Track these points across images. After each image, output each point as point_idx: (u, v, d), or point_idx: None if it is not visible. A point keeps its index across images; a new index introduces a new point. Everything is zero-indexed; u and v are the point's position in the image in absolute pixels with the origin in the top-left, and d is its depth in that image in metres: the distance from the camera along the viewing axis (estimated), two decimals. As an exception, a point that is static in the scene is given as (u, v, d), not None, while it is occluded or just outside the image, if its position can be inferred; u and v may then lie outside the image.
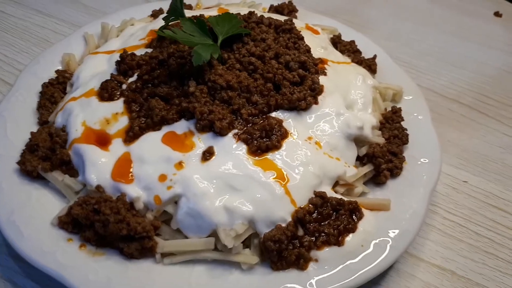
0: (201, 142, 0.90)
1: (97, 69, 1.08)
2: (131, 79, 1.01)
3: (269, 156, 0.89)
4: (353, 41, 1.26)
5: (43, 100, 1.06)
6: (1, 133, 0.99)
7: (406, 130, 1.06)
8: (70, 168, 0.93)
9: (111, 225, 0.81)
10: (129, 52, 1.03)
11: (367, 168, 0.97)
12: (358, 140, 0.99)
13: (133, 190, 0.86)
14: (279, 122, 0.93)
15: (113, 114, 0.96)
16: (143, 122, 0.92)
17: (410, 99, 1.16)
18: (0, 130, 1.00)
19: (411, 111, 1.12)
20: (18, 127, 1.01)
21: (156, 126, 0.92)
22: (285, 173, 0.88)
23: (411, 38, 1.54)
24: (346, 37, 1.31)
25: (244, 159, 0.88)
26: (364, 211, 0.91)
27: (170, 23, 1.03)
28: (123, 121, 0.95)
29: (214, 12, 1.26)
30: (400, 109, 1.10)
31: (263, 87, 0.96)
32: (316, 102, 0.98)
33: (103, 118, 0.96)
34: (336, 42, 1.26)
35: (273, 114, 0.95)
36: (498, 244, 1.00)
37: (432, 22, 1.63)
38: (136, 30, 1.21)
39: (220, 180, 0.85)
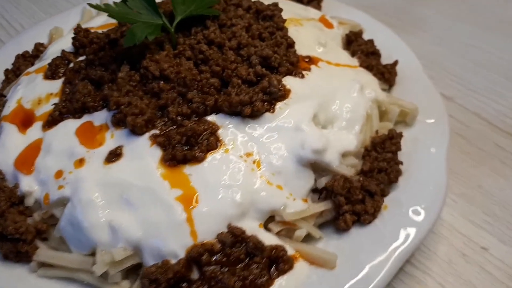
0: (112, 139, 0.75)
1: (67, 44, 1.00)
2: (80, 58, 0.90)
3: (185, 169, 0.71)
4: (371, 41, 1.00)
5: (8, 72, 1.01)
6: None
7: (401, 163, 0.79)
8: (-4, 146, 0.85)
9: (-15, 218, 0.71)
10: (84, 28, 0.92)
11: (322, 207, 0.73)
12: (318, 167, 0.75)
13: (27, 183, 0.75)
14: (212, 128, 0.73)
15: (47, 94, 0.86)
16: (64, 107, 0.80)
17: (430, 123, 0.87)
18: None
19: (424, 140, 0.84)
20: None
21: (77, 113, 0.80)
22: (196, 194, 0.69)
23: (468, 45, 1.19)
24: (373, 36, 1.04)
25: (152, 168, 0.71)
26: (300, 262, 0.68)
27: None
28: (53, 103, 0.84)
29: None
30: (399, 134, 0.82)
31: (206, 82, 0.77)
32: (271, 110, 0.76)
33: (37, 97, 0.86)
34: (352, 40, 1.00)
35: (211, 118, 0.76)
36: None
37: (500, 27, 1.24)
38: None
39: (115, 189, 0.70)
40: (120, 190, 0.69)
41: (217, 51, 0.81)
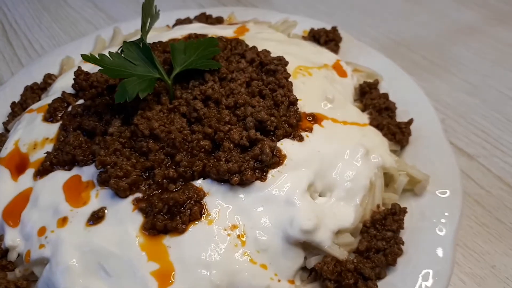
0: (97, 198, 0.73)
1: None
2: (80, 102, 0.88)
3: (165, 240, 0.68)
4: (385, 95, 0.92)
5: (14, 105, 1.01)
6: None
7: (402, 243, 0.72)
8: (-9, 189, 0.85)
9: (-34, 272, 0.70)
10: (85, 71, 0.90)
11: (309, 289, 0.68)
12: (309, 246, 0.70)
13: (12, 236, 0.74)
14: (198, 196, 0.70)
15: (43, 138, 0.85)
16: (56, 157, 0.79)
17: (443, 196, 0.79)
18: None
19: (432, 216, 0.77)
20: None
21: (66, 165, 0.78)
22: (173, 271, 0.65)
23: (504, 96, 1.09)
24: (392, 85, 0.97)
25: (132, 235, 0.68)
26: None
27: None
28: (48, 149, 0.83)
29: (230, 32, 1.05)
30: (404, 210, 0.75)
31: (196, 144, 0.73)
32: (262, 178, 0.71)
33: (34, 141, 0.86)
34: (365, 91, 0.94)
35: (198, 183, 0.72)
36: None
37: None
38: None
39: (93, 256, 0.67)
40: (98, 257, 0.67)
41: (214, 107, 0.77)
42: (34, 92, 1.04)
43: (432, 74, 1.12)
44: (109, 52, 0.79)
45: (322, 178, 0.75)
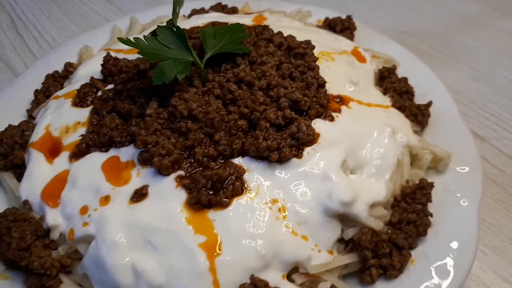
0: (138, 177, 0.75)
1: (97, 67, 1.00)
2: (109, 87, 0.90)
3: (210, 214, 0.70)
4: (405, 79, 0.97)
5: (37, 93, 1.02)
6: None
7: (431, 216, 0.76)
8: (23, 172, 0.86)
9: (11, 251, 0.71)
10: (113, 55, 0.92)
11: (348, 259, 0.72)
12: (346, 218, 0.73)
13: (53, 216, 0.76)
14: (238, 172, 0.72)
15: (75, 122, 0.86)
16: (92, 139, 0.80)
17: (463, 172, 0.83)
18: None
19: (456, 190, 0.81)
20: (6, 117, 0.97)
21: (103, 147, 0.80)
22: (219, 241, 0.68)
23: (511, 82, 1.14)
24: (408, 71, 1.01)
25: (177, 211, 0.70)
26: (322, 318, 0.66)
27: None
28: (80, 133, 0.84)
29: (248, 20, 1.08)
30: (431, 184, 0.79)
31: (234, 124, 0.75)
32: (299, 156, 0.74)
33: (65, 125, 0.87)
34: (385, 76, 0.98)
35: (238, 161, 0.75)
36: None
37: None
38: (157, 30, 1.09)
39: (139, 231, 0.69)
40: (144, 232, 0.69)
41: (246, 89, 0.80)
42: (55, 80, 1.05)
43: (441, 63, 1.17)
44: (144, 36, 0.81)
45: (353, 156, 0.78)
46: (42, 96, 1.02)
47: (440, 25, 1.31)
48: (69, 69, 1.07)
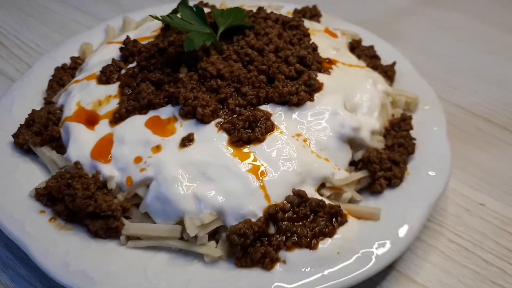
0: (182, 128, 0.88)
1: (107, 56, 1.10)
2: (131, 65, 1.02)
3: (250, 148, 0.85)
4: (372, 46, 1.20)
5: (52, 82, 1.10)
6: (7, 110, 1.03)
7: (415, 139, 0.97)
8: (60, 145, 0.94)
9: (78, 199, 0.80)
10: (132, 39, 1.04)
11: (360, 174, 0.90)
12: (354, 144, 0.92)
13: (108, 170, 0.85)
14: (267, 115, 0.88)
15: (106, 96, 0.97)
16: (130, 105, 0.92)
17: (427, 109, 1.06)
18: (7, 107, 1.04)
19: (426, 122, 1.03)
20: (24, 105, 1.04)
21: (142, 110, 0.91)
22: (263, 167, 0.83)
23: (445, 54, 1.43)
24: (368, 44, 1.24)
25: (223, 148, 0.84)
26: (350, 218, 0.83)
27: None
28: (114, 104, 0.95)
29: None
30: (410, 117, 1.01)
31: (256, 78, 0.92)
32: (312, 99, 0.92)
33: (97, 99, 0.97)
34: (355, 47, 1.20)
35: (263, 107, 0.91)
36: (510, 275, 0.86)
37: (472, 40, 1.51)
38: (153, 24, 1.23)
39: (194, 167, 0.82)
40: (198, 168, 0.82)
41: (257, 54, 0.97)
42: (66, 71, 1.14)
43: (387, 42, 1.40)
44: (168, 15, 0.95)
45: (349, 100, 0.97)
46: (57, 85, 1.10)
47: (380, 15, 1.59)
48: (77, 61, 1.16)
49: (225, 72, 0.91)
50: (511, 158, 1.10)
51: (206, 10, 1.29)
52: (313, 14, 1.32)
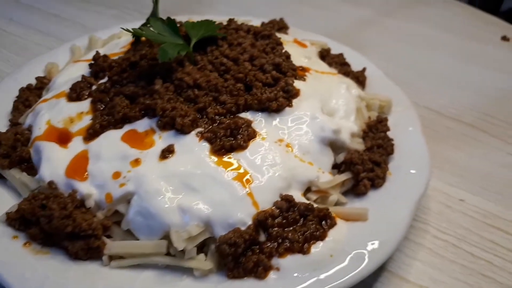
0: (161, 140, 0.85)
1: (75, 74, 1.07)
2: (102, 81, 0.99)
3: (234, 156, 0.83)
4: (341, 54, 1.22)
5: (17, 103, 1.05)
6: (-31, 134, 0.97)
7: (392, 140, 0.98)
8: (30, 166, 0.89)
9: (56, 220, 0.75)
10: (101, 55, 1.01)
11: (344, 176, 0.89)
12: (335, 147, 0.92)
13: (85, 187, 0.81)
14: (247, 122, 0.87)
15: (78, 113, 0.93)
16: (105, 120, 0.88)
17: (400, 111, 1.08)
18: (-30, 132, 0.97)
19: (401, 123, 1.04)
20: (-12, 129, 0.99)
21: (117, 124, 0.88)
22: (249, 173, 0.81)
23: (409, 61, 1.48)
24: (337, 53, 1.26)
25: (205, 158, 0.82)
26: (339, 220, 0.82)
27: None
28: (87, 120, 0.91)
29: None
30: (386, 118, 1.02)
31: (233, 87, 0.91)
32: (290, 105, 0.92)
33: (68, 117, 0.93)
34: (324, 55, 1.22)
35: (243, 115, 0.89)
36: (497, 267, 0.88)
37: (434, 46, 1.57)
38: (121, 41, 1.20)
39: (177, 179, 0.79)
40: (182, 179, 0.79)
41: (233, 64, 0.96)
42: (31, 91, 1.09)
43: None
44: (140, 27, 0.94)
45: (326, 105, 0.98)
46: (22, 106, 1.05)
47: (343, 27, 1.64)
48: (43, 81, 1.12)
49: (202, 82, 0.90)
50: (483, 154, 1.14)
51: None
52: (281, 26, 1.33)
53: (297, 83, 0.97)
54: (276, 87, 0.92)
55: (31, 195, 0.81)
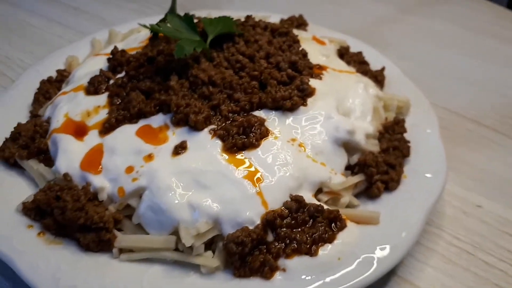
0: (175, 136, 0.86)
1: (94, 68, 1.08)
2: (119, 75, 1.00)
3: (245, 154, 0.83)
4: (360, 53, 1.20)
5: (38, 95, 1.07)
6: (-9, 126, 0.99)
7: (409, 142, 0.96)
8: (47, 158, 0.91)
9: (69, 212, 0.77)
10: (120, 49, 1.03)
11: (357, 178, 0.88)
12: (349, 147, 0.91)
13: (98, 181, 0.82)
14: (261, 120, 0.87)
15: (95, 107, 0.94)
16: (120, 114, 0.90)
17: (419, 112, 1.06)
18: (-8, 123, 1.00)
19: (419, 124, 1.02)
20: (8, 120, 1.01)
21: (133, 119, 0.89)
22: (259, 172, 0.81)
23: (429, 59, 1.44)
24: (356, 50, 1.24)
25: (217, 155, 0.82)
26: (349, 223, 0.81)
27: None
28: (103, 114, 0.92)
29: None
30: (403, 120, 1.00)
31: (248, 84, 0.91)
32: (304, 104, 0.91)
33: (85, 110, 0.94)
34: (343, 53, 1.20)
35: (256, 113, 0.89)
36: (512, 277, 0.85)
37: (453, 44, 1.52)
38: (140, 35, 1.21)
39: (188, 175, 0.80)
40: (193, 176, 0.79)
41: (249, 61, 0.96)
42: (51, 84, 1.11)
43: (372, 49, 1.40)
44: (157, 24, 0.94)
45: (342, 104, 0.97)
46: (43, 98, 1.07)
47: (364, 24, 1.61)
48: (63, 74, 1.14)
49: (216, 79, 0.90)
50: (503, 158, 1.10)
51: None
52: (300, 23, 1.32)
53: (313, 82, 0.96)
54: (291, 86, 0.91)
55: (46, 186, 0.83)
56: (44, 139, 0.92)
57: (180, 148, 0.83)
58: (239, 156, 0.83)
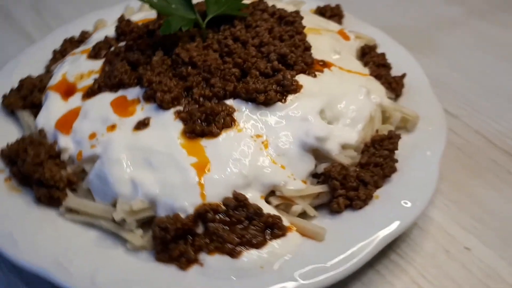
0: (142, 111, 0.86)
1: (110, 33, 1.12)
2: (121, 44, 1.02)
3: (202, 142, 0.81)
4: (383, 54, 1.08)
5: (56, 52, 1.14)
6: (8, 75, 1.08)
7: (396, 161, 0.86)
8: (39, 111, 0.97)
9: (26, 164, 0.82)
10: (126, 19, 1.05)
11: (319, 189, 0.81)
12: (319, 155, 0.84)
13: (64, 141, 0.86)
14: (229, 110, 0.83)
15: (89, 71, 0.98)
16: (103, 82, 0.92)
17: (429, 130, 0.94)
18: (9, 73, 1.09)
19: (421, 144, 0.91)
20: (25, 72, 1.08)
21: (113, 88, 0.91)
22: (209, 163, 0.78)
23: (483, 73, 1.26)
24: (387, 51, 1.12)
25: (174, 137, 0.81)
26: (294, 233, 0.76)
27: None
28: (93, 79, 0.96)
29: (246, 2, 1.21)
30: (398, 135, 0.89)
31: (228, 71, 0.87)
32: (283, 100, 0.85)
33: (80, 73, 0.98)
34: (366, 52, 1.10)
35: (230, 102, 0.86)
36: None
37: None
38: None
39: (140, 152, 0.80)
40: (144, 154, 0.79)
41: (241, 47, 0.92)
42: (72, 43, 1.17)
43: (418, 52, 1.25)
44: (153, -5, 0.94)
45: (331, 108, 0.88)
46: (60, 55, 1.14)
47: (420, 24, 1.45)
48: (84, 35, 1.19)
49: (197, 60, 0.87)
50: (522, 202, 0.94)
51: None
52: (334, 13, 1.23)
53: (303, 78, 0.89)
54: (270, 80, 0.86)
55: (22, 137, 0.88)
56: (39, 94, 0.98)
57: (142, 125, 0.83)
58: (195, 142, 0.80)
